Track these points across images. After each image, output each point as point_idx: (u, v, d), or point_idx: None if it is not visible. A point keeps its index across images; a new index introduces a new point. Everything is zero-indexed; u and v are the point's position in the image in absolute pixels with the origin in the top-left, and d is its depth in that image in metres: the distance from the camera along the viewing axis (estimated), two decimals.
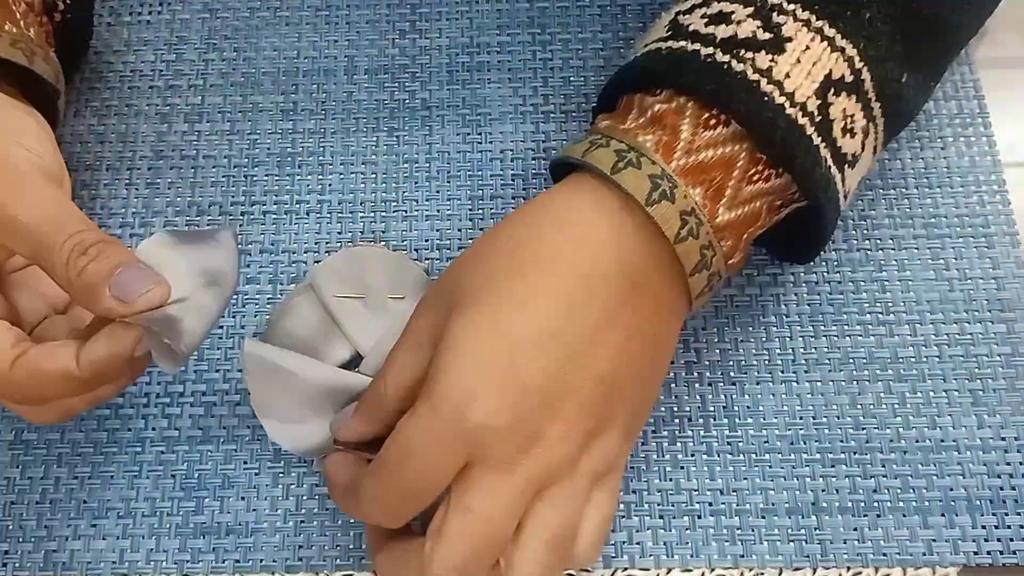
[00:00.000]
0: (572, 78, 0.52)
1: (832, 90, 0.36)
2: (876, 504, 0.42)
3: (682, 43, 0.37)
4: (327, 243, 0.48)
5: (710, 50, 0.36)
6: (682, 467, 0.43)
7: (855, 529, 0.42)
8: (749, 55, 0.36)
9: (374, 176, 0.50)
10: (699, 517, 0.42)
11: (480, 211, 0.48)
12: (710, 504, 0.42)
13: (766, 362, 0.45)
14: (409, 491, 0.34)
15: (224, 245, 0.37)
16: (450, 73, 0.52)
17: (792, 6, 0.37)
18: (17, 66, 0.41)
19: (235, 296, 0.47)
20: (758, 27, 0.36)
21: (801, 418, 0.44)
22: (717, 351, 0.45)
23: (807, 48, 0.36)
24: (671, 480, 0.43)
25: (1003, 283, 0.46)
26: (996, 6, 0.43)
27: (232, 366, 0.45)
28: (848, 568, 0.41)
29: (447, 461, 0.33)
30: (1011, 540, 0.41)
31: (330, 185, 0.49)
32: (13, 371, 0.35)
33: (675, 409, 0.44)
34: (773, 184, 0.37)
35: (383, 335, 0.42)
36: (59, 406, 0.37)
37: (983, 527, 0.42)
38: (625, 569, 0.41)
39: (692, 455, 0.43)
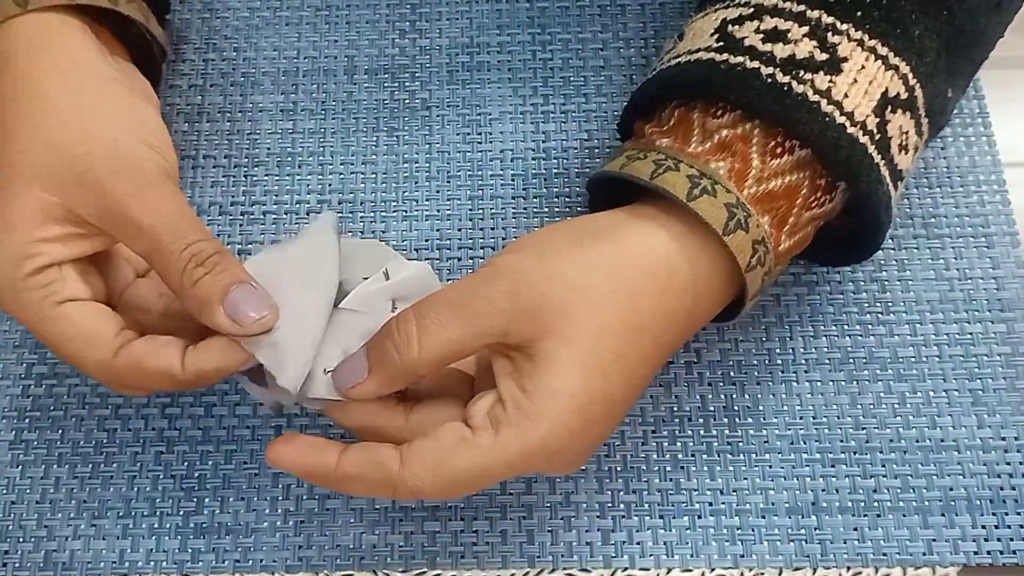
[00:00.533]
0: (572, 78, 0.52)
1: (889, 107, 0.37)
2: (876, 504, 0.42)
3: (740, 59, 0.37)
4: None
5: (770, 70, 0.36)
6: (682, 467, 0.43)
7: (855, 529, 0.42)
8: (808, 76, 0.36)
9: (374, 176, 0.50)
10: (699, 517, 0.42)
11: (480, 211, 0.48)
12: (710, 504, 0.42)
13: (766, 362, 0.45)
14: (462, 492, 0.34)
15: (326, 256, 0.38)
16: (450, 73, 0.52)
17: (845, 26, 0.37)
18: (125, 26, 0.42)
19: None
20: (815, 47, 0.37)
21: (801, 418, 0.44)
22: (717, 351, 0.45)
23: (863, 67, 0.37)
24: (671, 480, 0.43)
25: (1003, 283, 0.46)
26: (1015, 14, 0.43)
27: None
28: (848, 568, 0.41)
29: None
30: (1011, 540, 0.41)
31: (330, 185, 0.49)
32: (116, 360, 0.35)
33: (675, 409, 0.44)
34: (825, 209, 0.38)
35: (364, 285, 0.41)
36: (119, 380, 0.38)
37: (983, 527, 0.42)
38: (625, 569, 0.41)
39: (692, 455, 0.43)
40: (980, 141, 0.49)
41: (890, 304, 0.46)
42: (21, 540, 0.42)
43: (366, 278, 0.39)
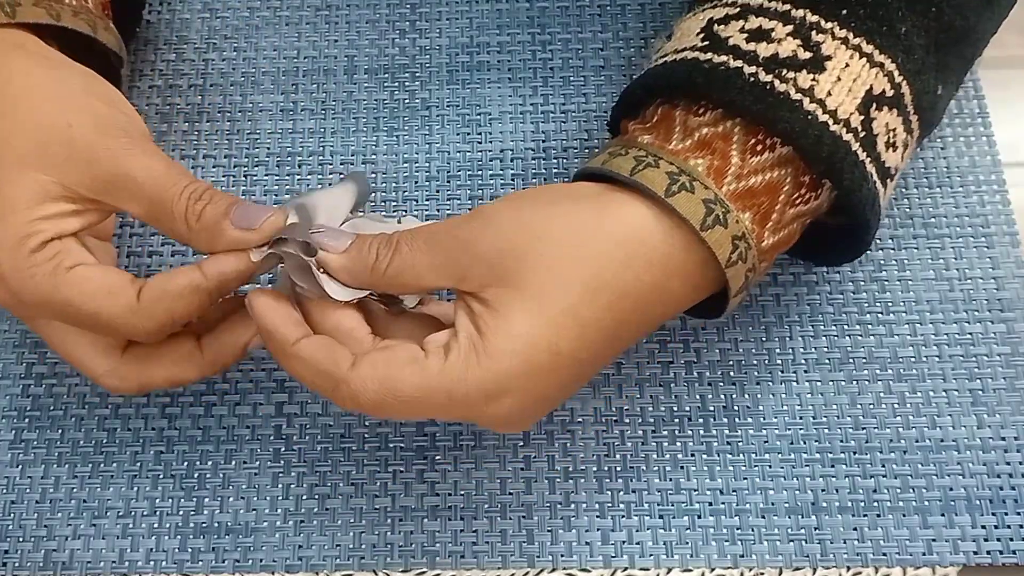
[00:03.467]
0: (572, 78, 0.52)
1: (874, 105, 0.37)
2: (876, 504, 0.42)
3: (723, 58, 0.37)
4: None
5: (753, 69, 0.37)
6: (682, 467, 0.43)
7: (855, 529, 0.42)
8: (791, 75, 0.36)
9: (374, 176, 0.50)
10: (699, 517, 0.42)
11: None
12: (710, 504, 0.42)
13: (766, 362, 0.45)
14: (397, 412, 0.35)
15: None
16: (450, 73, 0.52)
17: (830, 24, 0.37)
18: (79, 37, 0.42)
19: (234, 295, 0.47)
20: (798, 46, 0.37)
21: (801, 418, 0.44)
22: (717, 351, 0.45)
23: (847, 65, 0.37)
24: (671, 480, 0.43)
25: (1003, 283, 0.46)
26: (1010, 10, 0.43)
27: (232, 366, 0.45)
28: (848, 568, 0.41)
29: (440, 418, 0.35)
30: (1011, 540, 0.41)
31: (330, 185, 0.49)
32: (142, 298, 0.36)
33: (675, 409, 0.44)
34: (811, 206, 0.38)
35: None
36: (142, 375, 0.39)
37: (983, 527, 0.42)
38: (625, 569, 0.42)
39: (692, 455, 0.43)
40: (980, 141, 0.49)
41: (890, 304, 0.46)
42: (21, 540, 0.42)
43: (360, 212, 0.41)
